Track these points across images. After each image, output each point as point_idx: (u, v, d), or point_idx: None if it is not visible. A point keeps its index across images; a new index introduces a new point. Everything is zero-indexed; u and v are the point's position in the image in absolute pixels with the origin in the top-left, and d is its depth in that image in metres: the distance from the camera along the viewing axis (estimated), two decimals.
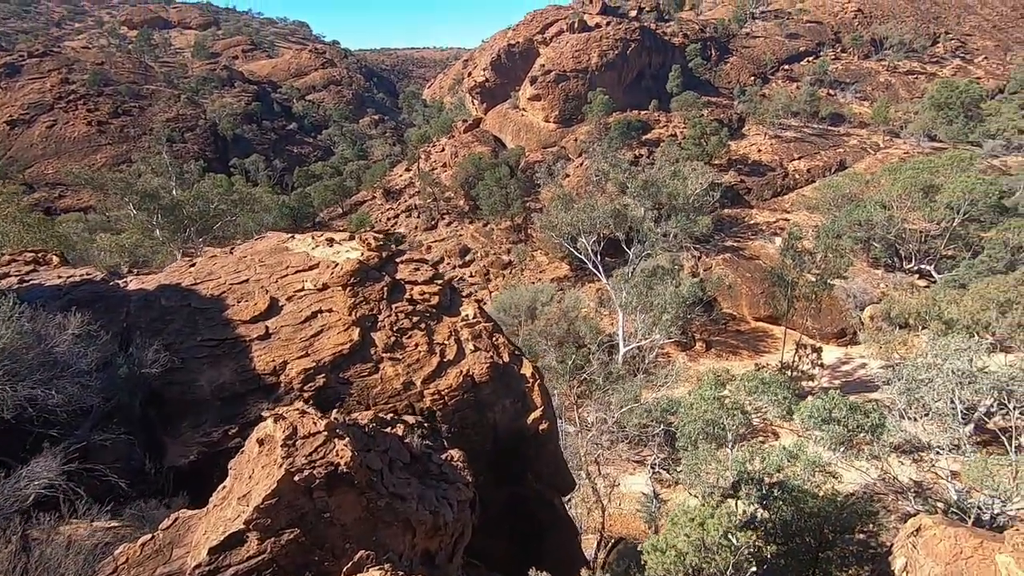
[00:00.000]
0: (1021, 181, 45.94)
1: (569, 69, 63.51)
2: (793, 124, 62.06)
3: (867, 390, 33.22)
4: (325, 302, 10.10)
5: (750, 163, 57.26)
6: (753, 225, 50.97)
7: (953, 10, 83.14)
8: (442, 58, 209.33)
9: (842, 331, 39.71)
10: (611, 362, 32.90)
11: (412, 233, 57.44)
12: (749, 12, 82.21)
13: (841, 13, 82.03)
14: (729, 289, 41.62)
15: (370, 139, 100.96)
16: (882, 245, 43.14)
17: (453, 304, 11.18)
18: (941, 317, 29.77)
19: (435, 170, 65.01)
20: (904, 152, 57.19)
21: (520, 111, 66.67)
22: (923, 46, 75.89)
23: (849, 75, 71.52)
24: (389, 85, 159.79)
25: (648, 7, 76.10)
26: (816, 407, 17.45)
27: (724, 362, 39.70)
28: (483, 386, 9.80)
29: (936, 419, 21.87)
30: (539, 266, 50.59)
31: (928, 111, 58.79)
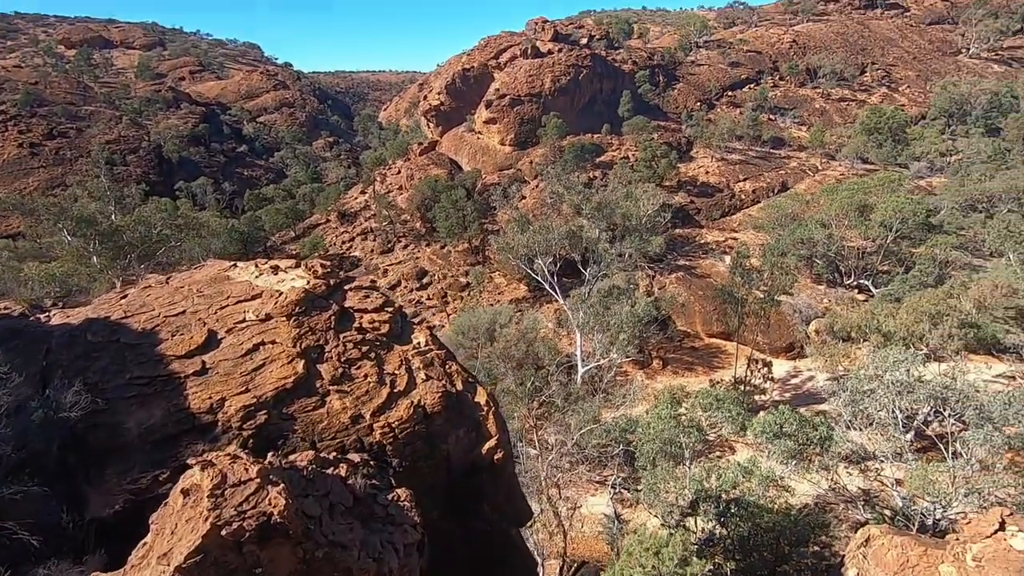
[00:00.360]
0: (945, 201, 49.25)
1: (523, 93, 64.64)
2: (738, 147, 64.84)
3: (815, 402, 34.35)
4: (268, 333, 9.65)
5: (699, 184, 59.33)
6: (704, 244, 52.56)
7: (878, 42, 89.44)
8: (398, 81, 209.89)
9: (790, 345, 41.08)
10: (570, 383, 32.94)
11: (368, 256, 56.54)
12: (693, 41, 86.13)
13: (778, 44, 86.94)
14: (683, 307, 42.55)
15: (324, 161, 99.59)
16: (823, 262, 45.15)
17: (404, 332, 10.90)
18: (880, 330, 31.25)
19: (391, 193, 64.53)
20: (840, 174, 60.49)
21: (476, 134, 67.22)
22: (852, 75, 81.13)
23: (787, 101, 75.56)
24: (344, 107, 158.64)
25: (598, 35, 78.60)
26: (768, 422, 17.85)
27: (680, 379, 40.39)
28: (435, 417, 9.52)
29: (879, 428, 22.74)
30: (497, 288, 50.55)
31: (860, 135, 62.61)
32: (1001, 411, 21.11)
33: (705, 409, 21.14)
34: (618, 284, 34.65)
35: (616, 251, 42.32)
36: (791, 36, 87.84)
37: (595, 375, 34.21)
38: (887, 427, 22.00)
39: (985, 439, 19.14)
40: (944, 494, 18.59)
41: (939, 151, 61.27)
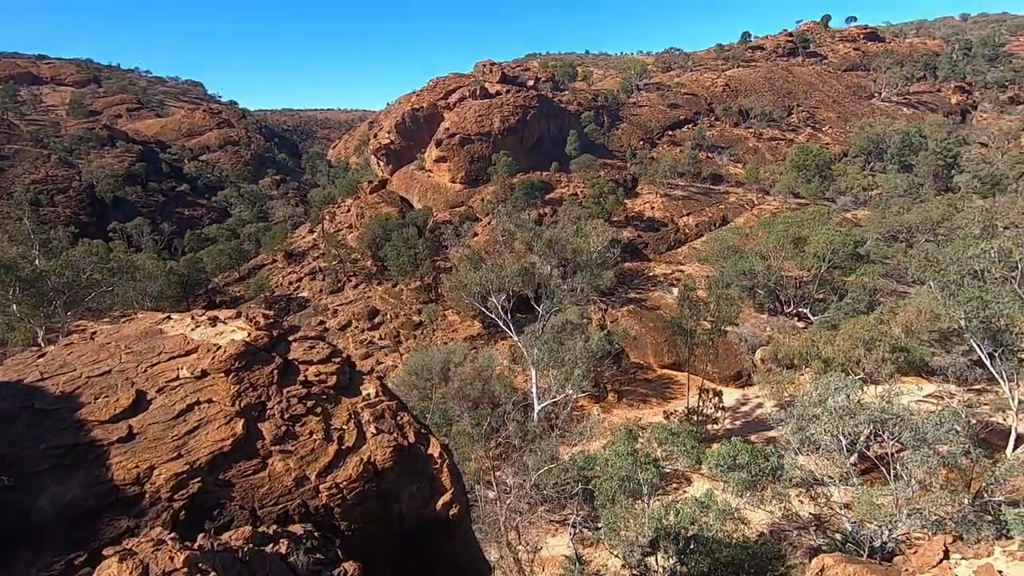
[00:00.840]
0: (870, 232, 52.73)
1: (473, 133, 65.75)
2: (680, 183, 67.77)
3: (765, 429, 35.22)
4: (204, 392, 9.05)
5: (645, 219, 61.39)
6: (652, 277, 54.05)
7: (801, 87, 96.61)
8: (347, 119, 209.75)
9: (738, 373, 42.28)
10: (527, 421, 32.59)
11: (317, 297, 55.01)
12: (635, 84, 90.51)
13: (712, 87, 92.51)
14: (635, 339, 43.29)
15: (271, 200, 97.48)
16: (765, 292, 47.13)
17: (353, 383, 10.47)
18: (820, 356, 32.62)
19: (340, 231, 63.56)
20: (775, 208, 64.02)
21: (427, 172, 67.57)
22: (781, 116, 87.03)
23: (723, 140, 79.98)
24: (291, 145, 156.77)
25: (544, 77, 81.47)
26: (722, 455, 18.10)
27: (636, 411, 40.72)
28: (387, 473, 9.08)
29: (825, 453, 23.46)
30: (451, 325, 50.04)
31: (790, 172, 66.75)
32: (934, 432, 22.19)
33: (661, 443, 21.27)
34: (571, 319, 34.93)
35: (569, 286, 42.87)
36: (724, 80, 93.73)
37: (552, 412, 34.00)
38: (832, 451, 22.72)
39: (922, 460, 20.04)
40: (889, 517, 19.22)
41: (861, 186, 65.98)
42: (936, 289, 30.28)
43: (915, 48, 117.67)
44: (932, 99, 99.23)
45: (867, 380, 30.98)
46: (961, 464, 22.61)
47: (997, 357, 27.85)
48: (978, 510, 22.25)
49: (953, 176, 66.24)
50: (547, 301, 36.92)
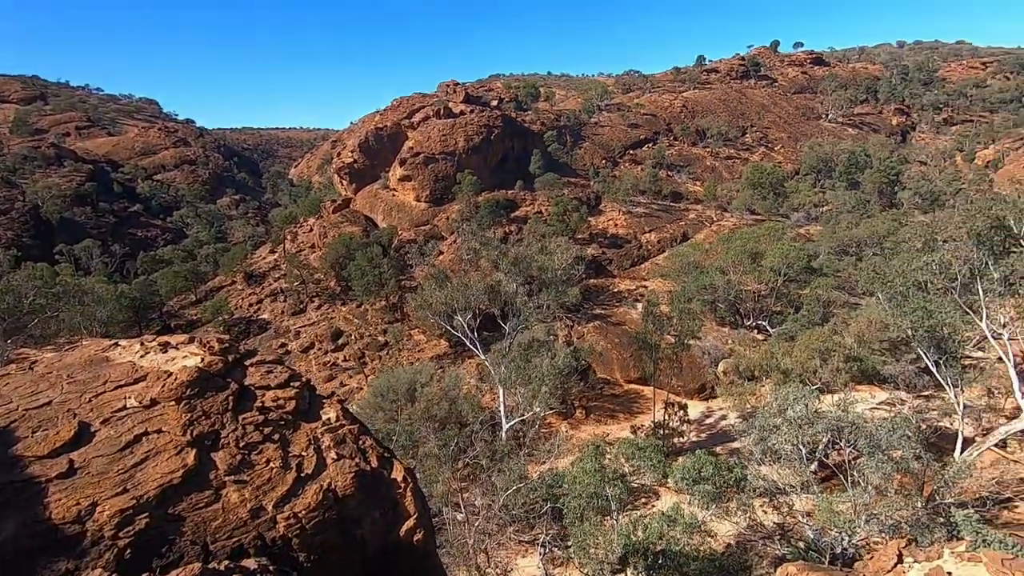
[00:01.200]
0: (822, 246, 54.92)
1: (437, 152, 65.92)
2: (642, 201, 69.33)
3: (730, 440, 35.87)
4: (153, 422, 8.65)
5: (609, 236, 62.42)
6: (617, 293, 54.80)
7: (754, 108, 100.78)
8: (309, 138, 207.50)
9: (702, 386, 43.03)
10: (495, 440, 32.31)
11: (278, 318, 53.63)
12: (596, 104, 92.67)
13: (670, 108, 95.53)
14: (601, 355, 43.61)
15: (230, 220, 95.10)
16: (725, 306, 48.32)
17: (313, 407, 10.20)
18: (779, 367, 33.53)
19: (303, 251, 62.41)
20: (733, 224, 66.07)
21: (391, 191, 67.22)
22: (735, 136, 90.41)
23: (682, 159, 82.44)
24: (252, 165, 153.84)
25: (508, 98, 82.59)
26: (687, 468, 18.31)
27: (604, 427, 40.89)
28: (348, 500, 8.83)
29: (786, 462, 24.02)
30: (417, 345, 49.47)
31: (746, 189, 69.18)
32: (887, 438, 22.98)
33: (628, 458, 21.39)
34: (538, 336, 35.02)
35: (535, 303, 43.04)
36: (681, 101, 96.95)
37: (520, 430, 33.83)
38: (792, 461, 23.28)
39: (877, 467, 20.72)
40: (848, 523, 19.73)
41: (813, 202, 68.86)
42: (884, 300, 31.67)
43: (857, 72, 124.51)
44: (875, 120, 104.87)
45: (824, 389, 31.99)
46: (913, 469, 23.45)
47: (942, 364, 29.16)
48: (931, 513, 23.07)
49: (896, 193, 69.84)
50: (513, 319, 36.94)
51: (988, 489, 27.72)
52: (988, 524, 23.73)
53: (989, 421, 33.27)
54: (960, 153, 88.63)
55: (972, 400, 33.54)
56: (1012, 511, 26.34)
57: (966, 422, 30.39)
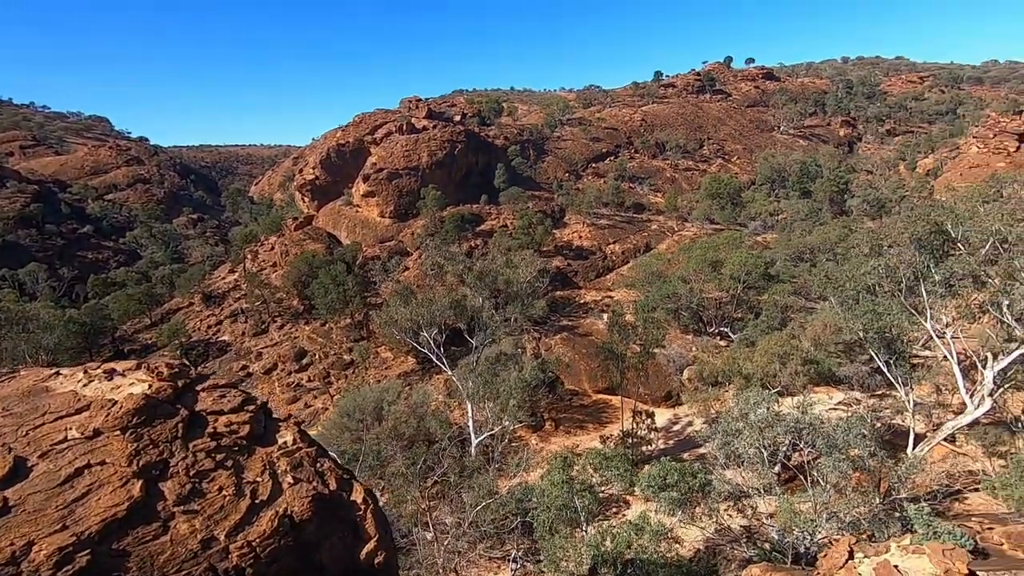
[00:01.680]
0: (778, 253, 56.80)
1: (401, 167, 65.72)
2: (605, 213, 70.49)
3: (696, 446, 36.40)
4: (96, 453, 8.28)
5: (574, 248, 63.15)
6: (583, 304, 55.34)
7: (711, 121, 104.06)
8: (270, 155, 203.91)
9: (668, 394, 43.69)
10: (464, 456, 32.03)
11: (239, 340, 52.13)
12: (558, 119, 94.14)
13: (630, 122, 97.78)
14: (568, 367, 43.84)
15: (187, 240, 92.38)
16: (688, 313, 49.36)
17: (268, 431, 9.95)
18: (741, 373, 34.38)
19: (264, 270, 61.02)
20: (693, 234, 67.77)
21: (354, 207, 66.55)
22: (693, 148, 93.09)
23: (643, 171, 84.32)
24: (210, 183, 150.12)
25: (471, 113, 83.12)
26: (652, 476, 18.51)
27: (573, 437, 41.02)
28: (306, 524, 8.62)
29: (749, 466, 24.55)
30: (384, 362, 48.79)
31: (705, 200, 71.13)
32: (843, 437, 23.75)
33: (596, 469, 21.50)
34: (505, 350, 35.02)
35: (502, 316, 43.08)
36: (640, 115, 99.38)
37: (489, 445, 33.61)
38: (755, 464, 23.81)
39: (834, 466, 21.37)
40: (809, 522, 20.25)
41: (768, 211, 71.27)
42: (837, 304, 32.90)
43: (806, 86, 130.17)
44: (824, 132, 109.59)
45: (784, 392, 32.90)
46: (869, 466, 24.28)
47: (892, 364, 30.41)
48: (887, 508, 23.88)
49: (846, 201, 72.93)
50: (480, 333, 36.88)
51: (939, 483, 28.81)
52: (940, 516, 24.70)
53: (939, 417, 34.68)
54: (903, 162, 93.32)
55: (922, 397, 34.96)
56: (962, 503, 27.44)
57: (917, 419, 31.66)
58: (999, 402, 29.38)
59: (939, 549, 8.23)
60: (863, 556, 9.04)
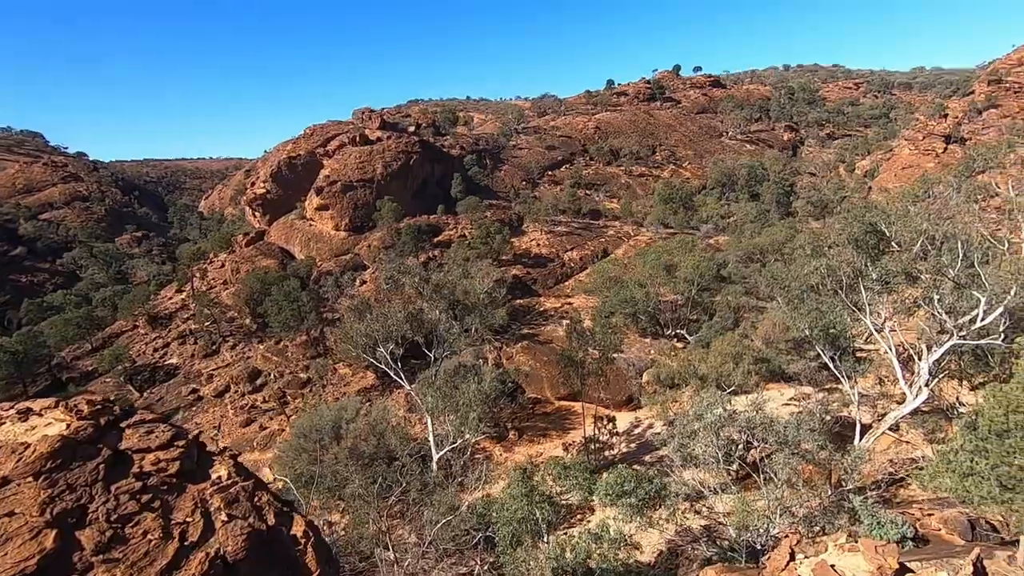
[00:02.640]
0: (730, 255, 58.53)
1: (355, 179, 64.76)
2: (563, 220, 71.20)
3: (657, 448, 36.95)
4: (5, 503, 7.69)
5: (533, 256, 63.46)
6: (543, 312, 55.59)
7: (662, 128, 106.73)
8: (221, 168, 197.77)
9: (629, 398, 44.19)
10: (426, 471, 31.54)
11: (187, 362, 50.04)
12: (513, 128, 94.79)
13: (584, 129, 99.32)
14: (528, 376, 43.87)
15: (131, 259, 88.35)
16: (646, 317, 50.18)
17: (202, 466, 9.49)
18: (696, 374, 35.13)
19: (214, 288, 58.93)
20: (649, 238, 69.14)
21: (308, 221, 65.12)
22: (646, 154, 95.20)
23: (598, 178, 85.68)
24: (156, 198, 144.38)
25: (425, 123, 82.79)
26: (609, 484, 18.63)
27: (537, 446, 40.99)
28: (240, 565, 8.22)
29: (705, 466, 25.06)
30: (343, 379, 47.71)
31: (659, 205, 72.78)
32: (794, 433, 24.52)
33: (556, 478, 21.50)
34: (465, 361, 34.77)
35: (462, 328, 42.78)
36: (594, 123, 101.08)
37: (451, 459, 33.22)
38: (711, 463, 24.32)
39: (785, 462, 22.02)
40: (763, 520, 20.77)
41: (719, 214, 73.47)
42: (784, 304, 34.05)
43: (751, 93, 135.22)
44: (769, 137, 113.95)
45: (737, 391, 33.77)
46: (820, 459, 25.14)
47: (838, 359, 31.68)
48: (838, 499, 24.74)
49: (792, 202, 75.91)
50: (439, 346, 36.51)
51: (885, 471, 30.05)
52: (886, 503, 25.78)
53: (883, 407, 36.25)
54: (842, 164, 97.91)
55: (866, 389, 36.50)
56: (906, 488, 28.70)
57: (863, 410, 33.01)
58: (935, 391, 30.93)
59: (872, 546, 8.52)
60: (803, 557, 9.27)
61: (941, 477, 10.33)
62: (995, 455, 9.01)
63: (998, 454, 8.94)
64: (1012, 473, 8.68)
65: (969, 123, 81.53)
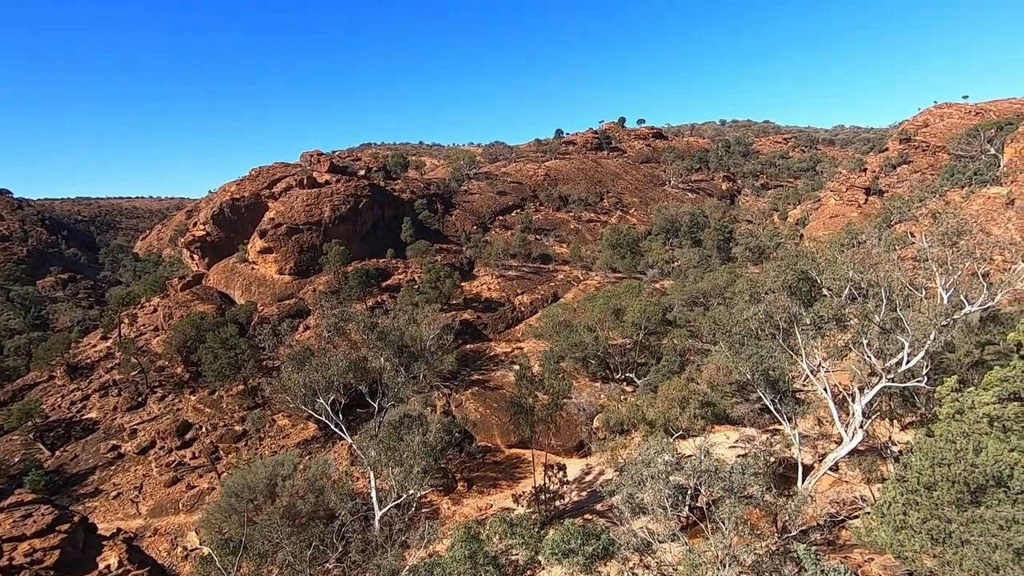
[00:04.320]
0: (675, 299, 60.09)
1: (302, 222, 63.39)
2: (513, 264, 71.67)
3: (607, 497, 36.33)
4: None
5: (483, 300, 63.18)
6: (494, 356, 54.95)
7: (609, 176, 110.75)
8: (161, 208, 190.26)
9: (580, 444, 43.71)
10: (367, 530, 29.74)
11: (109, 416, 46.23)
12: (465, 173, 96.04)
13: (534, 176, 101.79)
14: (477, 425, 42.87)
15: (54, 303, 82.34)
16: (596, 361, 50.39)
17: (89, 554, 8.39)
18: (645, 419, 35.18)
19: (144, 335, 55.41)
20: (598, 282, 70.36)
21: (250, 264, 62.86)
22: (594, 201, 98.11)
23: (548, 223, 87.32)
24: (86, 238, 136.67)
25: (376, 167, 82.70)
26: (555, 543, 17.95)
27: (487, 497, 39.60)
28: None
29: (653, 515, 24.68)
30: (282, 431, 45.12)
31: (607, 250, 74.54)
32: (740, 479, 24.60)
33: (501, 537, 20.59)
34: (411, 411, 33.54)
35: (410, 374, 41.56)
36: (544, 170, 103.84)
37: (395, 516, 31.50)
38: (658, 513, 23.98)
39: (730, 511, 21.94)
40: (712, 568, 20.43)
41: (664, 259, 75.86)
42: (726, 348, 34.88)
43: (691, 145, 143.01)
44: (708, 186, 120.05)
45: (685, 435, 33.94)
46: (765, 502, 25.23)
47: (778, 401, 32.48)
48: (784, 544, 24.76)
49: (731, 248, 79.45)
50: (384, 395, 35.19)
51: (827, 513, 30.50)
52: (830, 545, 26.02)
53: (823, 448, 37.18)
54: (776, 212, 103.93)
55: (806, 430, 37.41)
56: (847, 530, 29.15)
57: (804, 451, 33.74)
58: (869, 431, 32.01)
59: None
60: None
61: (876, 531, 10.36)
62: (925, 508, 9.12)
63: (927, 507, 9.05)
64: (942, 527, 8.77)
65: (885, 177, 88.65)
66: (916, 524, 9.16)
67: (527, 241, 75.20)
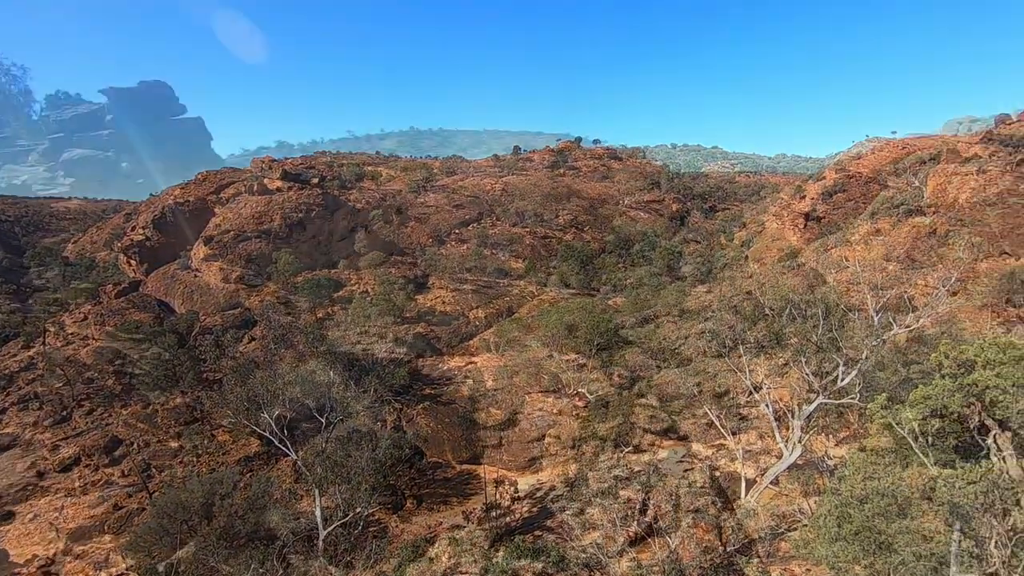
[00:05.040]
0: (627, 316, 61.39)
1: (251, 229, 61.39)
2: (469, 278, 71.47)
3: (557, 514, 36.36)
4: None
5: (438, 314, 62.61)
6: (447, 371, 54.33)
7: (564, 193, 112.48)
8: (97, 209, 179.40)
9: (532, 459, 43.51)
10: (311, 553, 28.64)
11: (28, 432, 42.91)
12: (421, 186, 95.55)
13: (491, 191, 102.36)
14: (428, 440, 42.24)
15: None
16: (549, 376, 50.68)
17: None
18: (596, 435, 35.62)
19: (72, 344, 51.94)
20: (552, 297, 70.99)
21: (193, 272, 60.20)
22: (550, 217, 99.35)
23: (504, 238, 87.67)
24: (11, 239, 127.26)
25: (330, 176, 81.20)
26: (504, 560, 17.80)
27: (436, 515, 38.87)
28: None
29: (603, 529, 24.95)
30: (222, 447, 43.00)
31: (562, 266, 75.55)
32: (685, 494, 25.22)
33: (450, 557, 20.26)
34: (359, 427, 32.71)
35: (360, 388, 40.56)
36: (501, 185, 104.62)
37: (340, 535, 30.49)
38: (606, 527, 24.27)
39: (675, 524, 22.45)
40: None
41: (618, 277, 77.49)
42: (674, 364, 35.90)
43: (643, 166, 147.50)
44: (659, 206, 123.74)
45: (635, 450, 34.52)
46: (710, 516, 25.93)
47: (723, 417, 33.62)
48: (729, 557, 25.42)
49: (681, 267, 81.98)
50: (332, 410, 34.19)
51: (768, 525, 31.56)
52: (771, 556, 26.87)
53: (765, 462, 38.52)
54: (723, 234, 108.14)
55: (749, 444, 38.70)
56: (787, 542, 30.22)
57: (747, 465, 34.97)
58: (807, 446, 33.45)
59: None
60: None
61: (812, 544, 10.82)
62: (857, 520, 9.64)
63: (859, 519, 9.58)
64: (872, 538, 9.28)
65: (823, 204, 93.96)
66: (849, 536, 9.67)
67: (483, 255, 75.29)
